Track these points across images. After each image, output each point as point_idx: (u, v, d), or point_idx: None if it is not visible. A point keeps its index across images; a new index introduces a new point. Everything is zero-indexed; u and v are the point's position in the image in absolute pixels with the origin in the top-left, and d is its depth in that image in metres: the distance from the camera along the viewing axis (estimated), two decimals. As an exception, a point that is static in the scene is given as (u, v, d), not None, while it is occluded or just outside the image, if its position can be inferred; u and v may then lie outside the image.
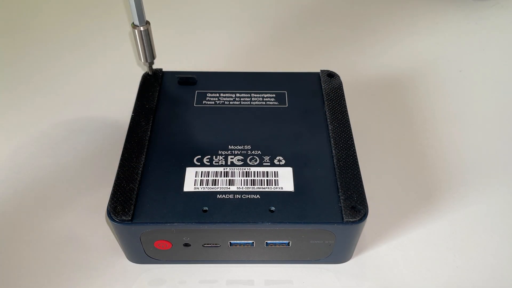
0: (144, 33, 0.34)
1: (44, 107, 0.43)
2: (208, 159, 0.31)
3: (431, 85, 0.46)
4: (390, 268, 0.31)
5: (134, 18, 0.33)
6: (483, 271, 0.31)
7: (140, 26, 0.33)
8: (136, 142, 0.32)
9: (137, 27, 0.33)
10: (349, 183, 0.29)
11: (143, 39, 0.34)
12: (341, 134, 0.32)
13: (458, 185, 0.36)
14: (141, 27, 0.33)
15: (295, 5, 0.57)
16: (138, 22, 0.33)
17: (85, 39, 0.51)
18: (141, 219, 0.27)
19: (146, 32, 0.34)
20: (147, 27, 0.34)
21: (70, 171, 0.37)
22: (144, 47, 0.34)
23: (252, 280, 0.31)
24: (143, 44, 0.34)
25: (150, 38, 0.34)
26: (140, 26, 0.33)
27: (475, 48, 0.51)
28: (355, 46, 0.51)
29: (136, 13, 0.32)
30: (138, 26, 0.33)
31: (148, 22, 0.34)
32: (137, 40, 0.34)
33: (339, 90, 0.36)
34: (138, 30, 0.33)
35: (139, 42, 0.34)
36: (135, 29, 0.33)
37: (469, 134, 0.41)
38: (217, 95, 0.36)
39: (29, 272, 0.31)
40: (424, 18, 0.55)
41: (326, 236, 0.28)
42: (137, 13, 0.32)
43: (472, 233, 0.33)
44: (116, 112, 0.42)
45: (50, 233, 0.33)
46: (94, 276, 0.31)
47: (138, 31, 0.33)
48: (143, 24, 0.33)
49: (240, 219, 0.27)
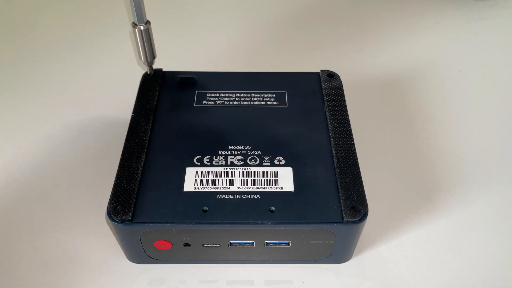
0: (145, 32, 0.33)
1: (44, 107, 0.43)
2: (208, 159, 0.31)
3: (431, 85, 0.46)
4: (390, 268, 0.31)
5: (134, 17, 0.33)
6: (483, 271, 0.31)
7: (140, 25, 0.33)
8: (136, 142, 0.32)
9: (138, 26, 0.33)
10: (349, 183, 0.29)
11: (144, 38, 0.34)
12: (341, 134, 0.32)
13: (458, 185, 0.36)
14: (141, 26, 0.33)
15: (295, 5, 0.57)
16: (138, 21, 0.33)
17: (85, 39, 0.51)
18: (141, 219, 0.27)
19: (147, 31, 0.33)
20: (148, 26, 0.33)
21: (70, 171, 0.37)
22: (145, 47, 0.34)
23: (252, 280, 0.31)
24: (143, 43, 0.34)
25: (151, 38, 0.34)
26: (140, 25, 0.33)
27: (475, 48, 0.51)
28: (355, 46, 0.51)
29: (136, 12, 0.32)
30: (138, 25, 0.33)
31: (149, 22, 0.34)
32: (138, 39, 0.34)
33: (339, 90, 0.36)
34: (139, 29, 0.33)
35: (139, 41, 0.34)
36: (135, 28, 0.33)
37: (469, 134, 0.41)
38: (217, 95, 0.36)
39: (29, 272, 0.31)
40: (424, 18, 0.55)
41: (326, 236, 0.28)
42: (137, 12, 0.32)
43: (472, 233, 0.33)
44: (116, 112, 0.42)
45: (50, 233, 0.33)
46: (94, 276, 0.31)
47: (139, 30, 0.33)
48: (143, 23, 0.33)
49: (240, 219, 0.27)
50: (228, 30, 0.53)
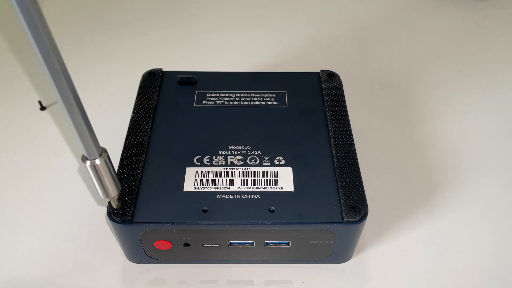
0: (102, 165, 0.23)
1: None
2: (208, 159, 0.31)
3: (431, 85, 0.46)
4: (390, 268, 0.31)
5: (82, 149, 0.23)
6: (483, 271, 0.31)
7: (93, 159, 0.23)
8: (136, 142, 0.32)
9: (89, 160, 0.23)
10: (349, 183, 0.29)
11: (100, 173, 0.24)
12: (341, 134, 0.32)
13: (458, 185, 0.36)
14: (96, 160, 0.23)
15: (295, 5, 0.57)
16: (89, 154, 0.23)
17: (85, 39, 0.51)
18: (141, 219, 0.27)
19: (104, 163, 0.23)
20: (104, 157, 0.23)
21: (70, 171, 0.37)
22: (102, 182, 0.24)
23: (252, 280, 0.31)
24: (99, 179, 0.24)
25: (109, 168, 0.24)
26: (92, 159, 0.23)
27: (475, 48, 0.51)
28: (355, 46, 0.51)
29: (84, 144, 0.22)
30: (90, 159, 0.23)
31: (104, 150, 0.24)
32: (92, 176, 0.24)
33: (339, 90, 0.36)
34: (91, 165, 0.23)
35: (94, 178, 0.24)
36: (85, 163, 0.23)
37: (469, 134, 0.41)
38: (217, 95, 0.36)
39: (29, 271, 0.31)
40: (424, 18, 0.55)
41: (326, 236, 0.28)
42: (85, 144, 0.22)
43: (472, 233, 0.33)
44: (116, 112, 0.42)
45: (50, 232, 0.33)
46: (94, 276, 0.31)
47: (91, 167, 0.23)
48: (97, 156, 0.23)
49: (240, 219, 0.27)
50: (228, 30, 0.53)
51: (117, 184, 0.25)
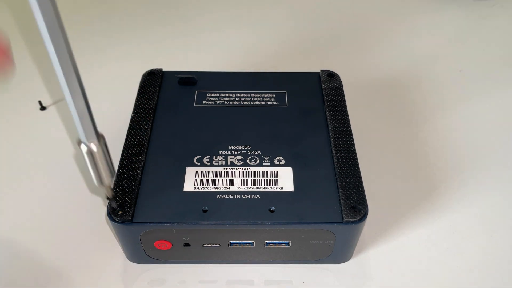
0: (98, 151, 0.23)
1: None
2: (208, 159, 0.31)
3: (431, 85, 0.46)
4: (390, 268, 0.31)
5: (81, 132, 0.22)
6: (483, 271, 0.31)
7: (90, 143, 0.23)
8: (136, 142, 0.32)
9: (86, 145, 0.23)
10: (349, 183, 0.29)
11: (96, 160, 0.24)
12: (341, 134, 0.32)
13: (458, 185, 0.36)
14: (92, 145, 0.23)
15: (295, 5, 0.57)
16: (87, 137, 0.23)
17: (85, 39, 0.51)
18: (141, 219, 0.27)
19: (100, 149, 0.23)
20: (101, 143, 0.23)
21: (70, 171, 0.37)
22: (97, 169, 0.24)
23: (252, 280, 0.31)
24: (95, 165, 0.24)
25: (105, 155, 0.24)
26: (90, 142, 0.23)
27: (475, 48, 0.51)
28: (355, 46, 0.51)
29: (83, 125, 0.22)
30: (89, 143, 0.23)
31: (102, 136, 0.24)
32: (87, 162, 0.24)
33: (339, 90, 0.36)
34: (88, 150, 0.23)
35: (89, 164, 0.24)
36: (80, 145, 0.23)
37: (469, 134, 0.41)
38: (217, 95, 0.36)
39: (29, 271, 0.31)
40: (424, 18, 0.55)
41: (326, 236, 0.28)
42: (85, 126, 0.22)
43: (472, 233, 0.33)
44: (116, 112, 0.42)
45: (50, 232, 0.33)
46: (94, 276, 0.31)
47: (88, 152, 0.23)
48: (94, 140, 0.23)
49: (240, 219, 0.27)
50: (228, 30, 0.53)
51: (112, 172, 0.25)
